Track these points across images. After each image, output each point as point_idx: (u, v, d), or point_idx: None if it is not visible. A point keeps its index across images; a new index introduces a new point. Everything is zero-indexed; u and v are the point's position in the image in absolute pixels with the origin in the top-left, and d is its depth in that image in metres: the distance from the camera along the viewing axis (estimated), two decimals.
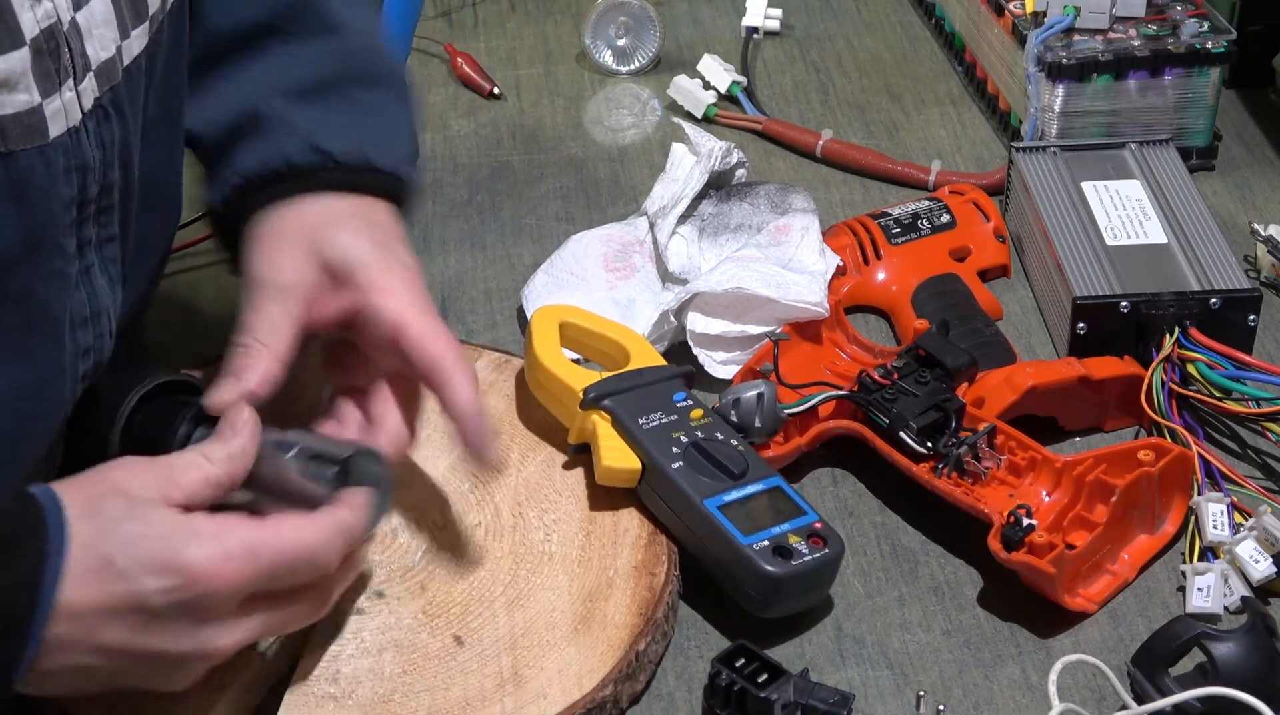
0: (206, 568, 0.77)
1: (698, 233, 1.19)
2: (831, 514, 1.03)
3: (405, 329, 0.89)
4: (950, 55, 1.50)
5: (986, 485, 1.00)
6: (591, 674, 0.88)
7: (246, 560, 0.78)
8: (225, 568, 0.77)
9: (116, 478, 0.80)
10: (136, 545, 0.76)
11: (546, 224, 1.29)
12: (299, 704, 0.87)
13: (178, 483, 0.80)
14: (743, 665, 0.87)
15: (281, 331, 0.89)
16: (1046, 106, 1.30)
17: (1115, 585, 0.98)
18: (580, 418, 1.00)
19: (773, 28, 1.52)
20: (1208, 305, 1.10)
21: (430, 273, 1.24)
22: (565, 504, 0.99)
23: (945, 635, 0.96)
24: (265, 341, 0.89)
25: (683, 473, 0.96)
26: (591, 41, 1.48)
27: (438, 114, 1.42)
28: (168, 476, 0.80)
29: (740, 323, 1.11)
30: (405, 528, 0.97)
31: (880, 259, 1.20)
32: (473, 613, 0.92)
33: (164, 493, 0.79)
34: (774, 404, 1.02)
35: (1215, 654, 0.88)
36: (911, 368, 1.05)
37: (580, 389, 1.00)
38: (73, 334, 0.86)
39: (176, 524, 0.78)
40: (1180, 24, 1.31)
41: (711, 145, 1.21)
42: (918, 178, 1.34)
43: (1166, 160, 1.24)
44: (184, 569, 0.76)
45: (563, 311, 1.08)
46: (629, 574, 0.94)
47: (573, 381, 1.01)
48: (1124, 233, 1.17)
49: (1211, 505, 0.99)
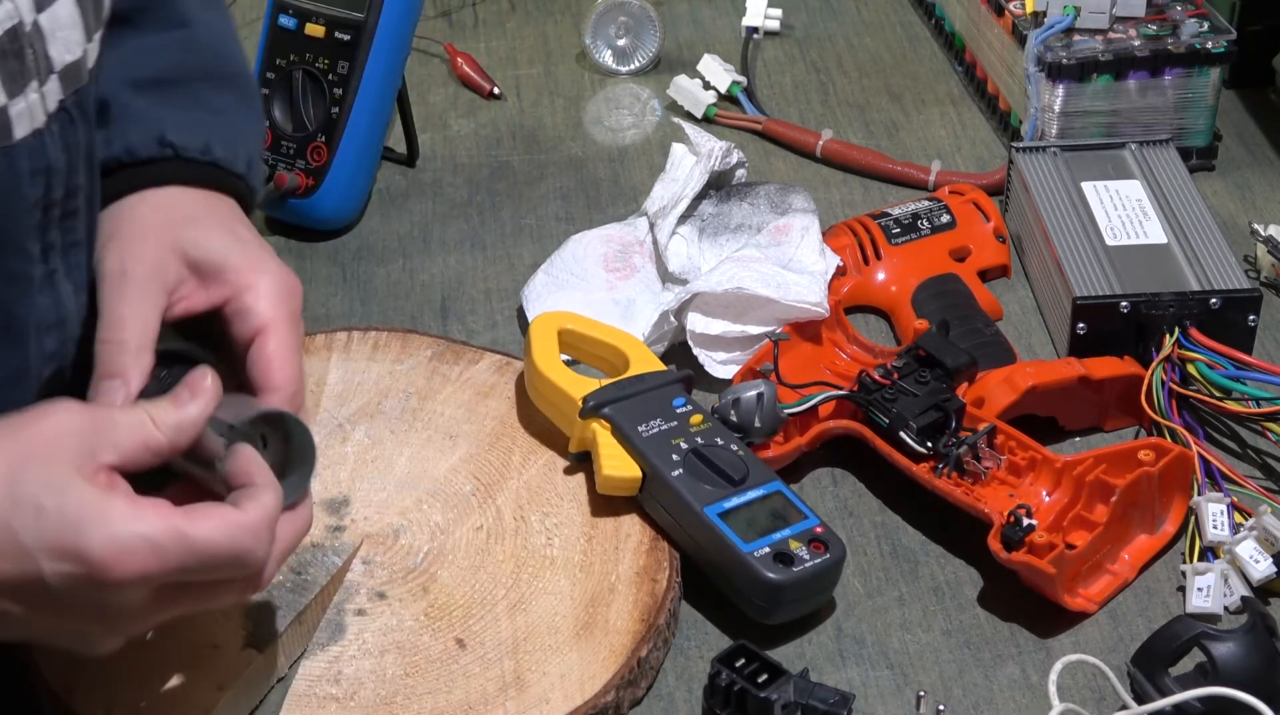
0: (106, 558, 0.73)
1: (698, 233, 1.19)
2: (831, 514, 1.03)
3: (265, 338, 0.86)
4: (950, 55, 1.50)
5: (986, 485, 1.00)
6: (594, 680, 0.89)
7: (152, 556, 0.74)
8: (128, 560, 0.73)
9: (51, 429, 0.76)
10: (43, 524, 0.73)
11: (546, 224, 1.30)
12: (301, 705, 0.87)
13: (115, 443, 0.77)
14: (743, 665, 0.87)
15: (151, 327, 0.85)
16: (1046, 106, 1.30)
17: (1115, 585, 0.98)
18: (580, 427, 1.00)
19: (773, 28, 1.52)
20: (1208, 305, 1.10)
21: (430, 273, 1.24)
22: (567, 508, 0.99)
23: (945, 635, 0.96)
24: (136, 337, 0.85)
25: (683, 480, 0.96)
26: (591, 41, 1.48)
27: (438, 114, 1.42)
28: (106, 435, 0.77)
29: (740, 323, 1.12)
30: (406, 529, 0.97)
31: (880, 259, 1.20)
32: (475, 616, 0.92)
33: (93, 451, 0.76)
34: (774, 404, 1.02)
35: (1215, 654, 0.88)
36: (911, 368, 1.05)
37: (579, 398, 1.00)
38: (37, 339, 0.85)
39: (89, 505, 0.74)
40: (1180, 24, 1.31)
41: (711, 145, 1.21)
42: (918, 178, 1.34)
43: (1166, 160, 1.24)
44: (84, 556, 0.73)
45: (561, 318, 1.08)
46: (631, 580, 0.94)
47: (572, 390, 1.01)
48: (1124, 233, 1.17)
49: (1211, 505, 0.99)
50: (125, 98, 0.93)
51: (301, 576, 0.93)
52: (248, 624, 0.90)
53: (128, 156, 0.91)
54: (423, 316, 1.20)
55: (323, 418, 1.04)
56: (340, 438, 1.03)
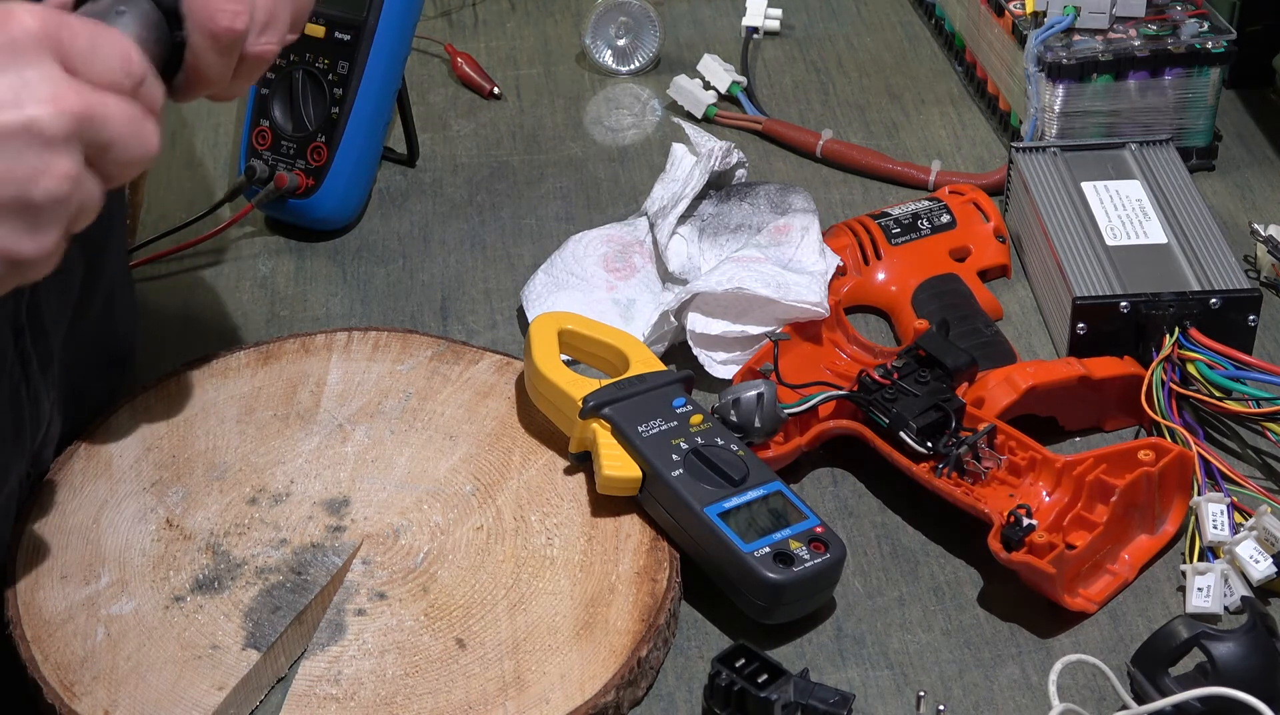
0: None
1: (698, 233, 1.19)
2: (831, 514, 1.03)
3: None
4: (950, 55, 1.50)
5: (986, 485, 1.00)
6: (594, 680, 0.89)
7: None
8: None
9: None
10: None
11: (546, 224, 1.30)
12: (301, 705, 0.87)
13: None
14: (743, 665, 0.87)
15: None
16: (1046, 106, 1.30)
17: (1115, 585, 0.98)
18: (580, 427, 1.00)
19: (773, 28, 1.52)
20: (1208, 305, 1.10)
21: (430, 273, 1.24)
22: (567, 508, 0.99)
23: (945, 635, 0.96)
24: None
25: (683, 481, 0.96)
26: (591, 41, 1.48)
27: (438, 114, 1.42)
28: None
29: (740, 323, 1.12)
30: (406, 529, 0.97)
31: (880, 259, 1.20)
32: (474, 616, 0.92)
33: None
34: (774, 404, 1.02)
35: (1215, 654, 0.88)
36: (911, 368, 1.05)
37: (579, 398, 1.00)
38: None
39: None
40: (1180, 24, 1.31)
41: (711, 145, 1.21)
42: (918, 178, 1.34)
43: (1166, 160, 1.24)
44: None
45: (561, 318, 1.08)
46: (631, 580, 0.94)
47: (572, 390, 1.01)
48: (1124, 233, 1.17)
49: (1211, 505, 0.99)
50: None
51: (301, 577, 0.93)
52: (247, 624, 0.90)
53: None
54: (423, 316, 1.20)
55: (323, 418, 1.04)
56: (340, 438, 1.03)
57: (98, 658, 0.88)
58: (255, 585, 0.93)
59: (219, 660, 0.88)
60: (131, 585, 0.93)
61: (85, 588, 0.92)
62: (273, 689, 0.91)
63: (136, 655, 0.89)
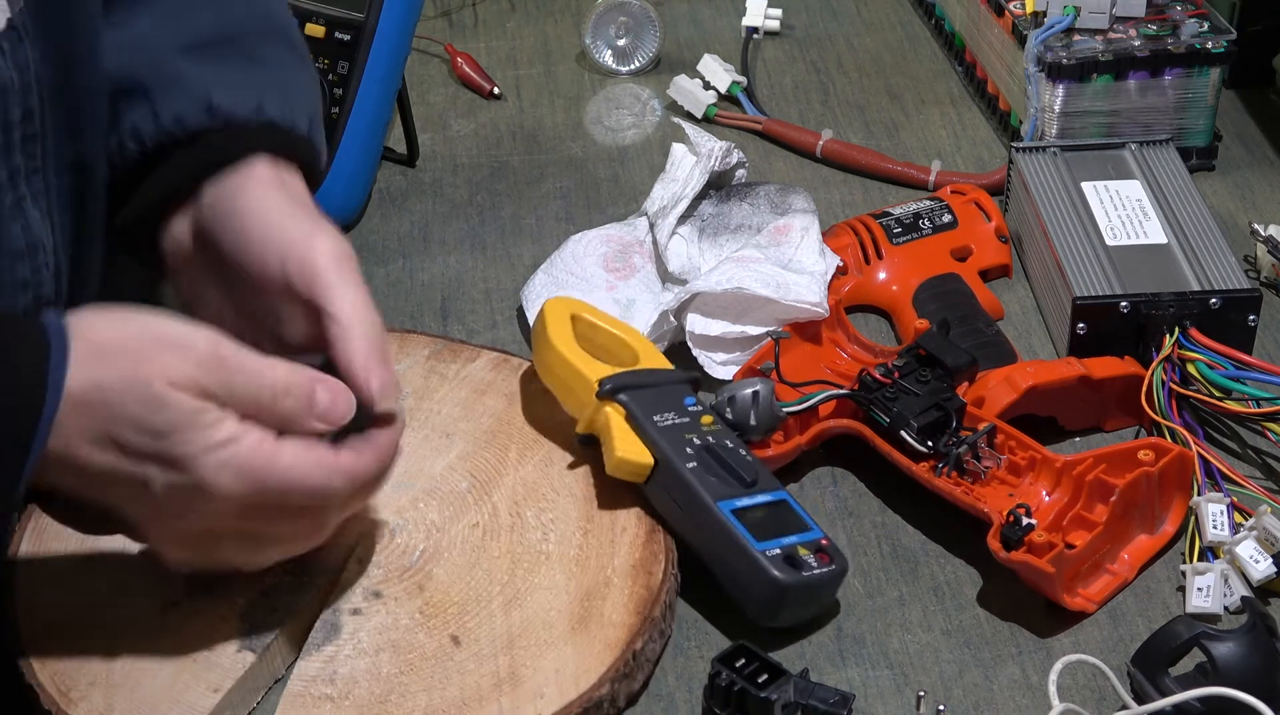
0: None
1: (698, 233, 1.19)
2: (831, 514, 1.03)
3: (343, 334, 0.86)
4: (950, 55, 1.50)
5: (986, 485, 1.00)
6: (589, 673, 0.88)
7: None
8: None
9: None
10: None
11: (546, 224, 1.29)
12: (296, 705, 0.87)
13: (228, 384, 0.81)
14: (743, 665, 0.87)
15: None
16: (1046, 106, 1.29)
17: (1115, 585, 0.98)
18: (593, 408, 0.99)
19: (773, 28, 1.52)
20: (1208, 305, 1.10)
21: (430, 272, 1.24)
22: (563, 503, 0.99)
23: (945, 635, 0.96)
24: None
25: (696, 473, 0.96)
26: (591, 41, 1.48)
27: (438, 114, 1.42)
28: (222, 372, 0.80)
29: (740, 323, 1.11)
30: (402, 528, 0.97)
31: (881, 258, 1.20)
32: (470, 613, 0.92)
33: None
34: (770, 402, 1.02)
35: (1215, 654, 0.87)
36: (912, 367, 1.04)
37: (595, 379, 1.00)
38: (10, 267, 0.84)
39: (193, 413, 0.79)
40: (1180, 24, 1.31)
41: (711, 145, 1.21)
42: (918, 178, 1.33)
43: (1166, 160, 1.24)
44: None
45: (573, 304, 1.07)
46: (626, 573, 0.94)
47: (588, 371, 1.00)
48: (1124, 233, 1.17)
49: (1211, 505, 0.99)
50: (171, 63, 0.91)
51: (298, 577, 0.93)
52: (243, 626, 0.90)
53: (177, 127, 0.90)
54: (423, 316, 1.20)
55: None
56: None
57: (94, 663, 0.88)
58: (251, 587, 0.92)
59: (214, 662, 0.88)
60: (128, 589, 0.92)
61: (82, 592, 0.92)
62: (269, 691, 0.90)
63: (133, 659, 0.88)
